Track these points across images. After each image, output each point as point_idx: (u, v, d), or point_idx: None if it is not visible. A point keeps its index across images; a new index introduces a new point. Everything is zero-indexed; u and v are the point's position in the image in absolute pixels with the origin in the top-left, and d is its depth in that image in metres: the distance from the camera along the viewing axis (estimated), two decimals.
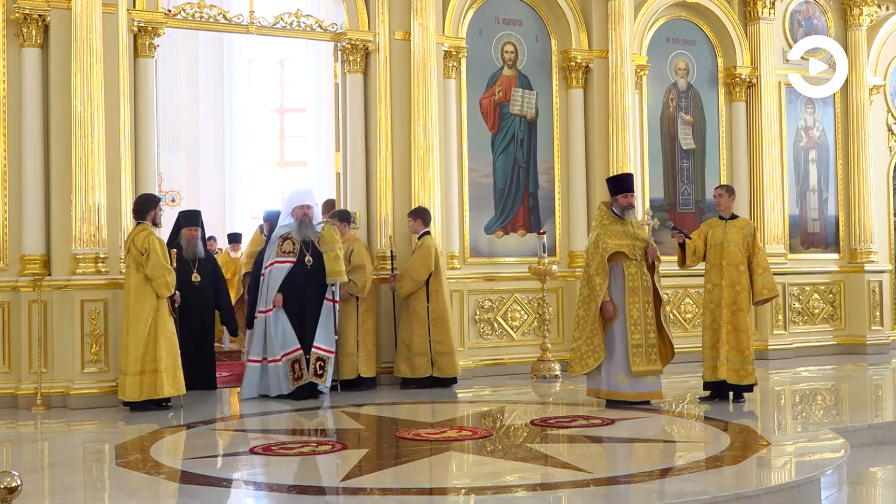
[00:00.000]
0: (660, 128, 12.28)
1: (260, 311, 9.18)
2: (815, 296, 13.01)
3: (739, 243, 8.49)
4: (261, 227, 11.71)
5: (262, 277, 9.23)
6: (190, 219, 10.11)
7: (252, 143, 20.41)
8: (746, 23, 12.71)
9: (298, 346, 9.00)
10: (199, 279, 9.82)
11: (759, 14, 12.58)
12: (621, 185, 8.53)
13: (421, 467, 6.01)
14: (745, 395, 8.52)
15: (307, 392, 9.04)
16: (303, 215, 9.23)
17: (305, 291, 9.11)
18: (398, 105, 10.54)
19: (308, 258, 9.16)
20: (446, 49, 10.84)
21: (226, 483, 5.58)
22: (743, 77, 12.58)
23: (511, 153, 11.36)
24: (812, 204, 13.23)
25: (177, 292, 8.67)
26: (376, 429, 7.43)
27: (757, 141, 12.61)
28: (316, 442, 6.84)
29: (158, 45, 9.71)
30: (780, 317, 12.48)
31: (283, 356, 8.96)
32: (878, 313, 13.17)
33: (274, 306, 9.04)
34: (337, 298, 9.32)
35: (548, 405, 8.90)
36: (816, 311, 12.99)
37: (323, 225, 9.36)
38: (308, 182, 19.71)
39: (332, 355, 9.21)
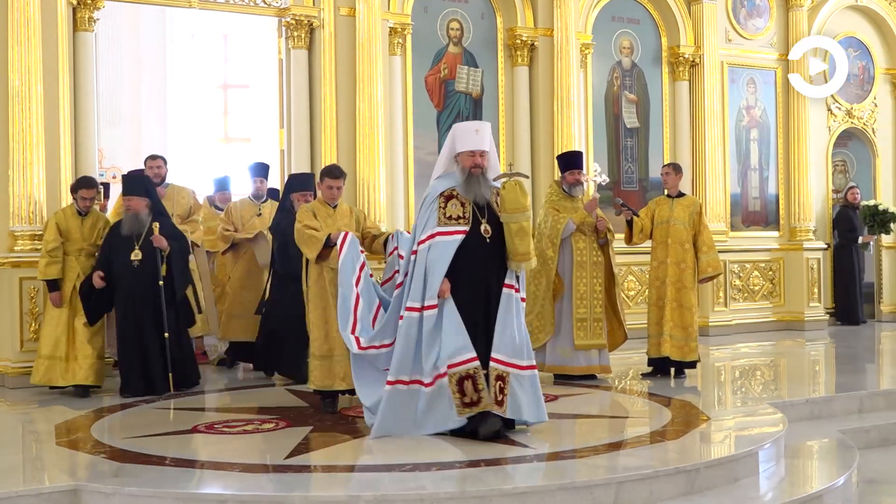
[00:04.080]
0: (604, 106, 12.33)
1: (410, 308, 6.07)
2: (756, 273, 13.20)
3: (685, 221, 8.57)
4: (209, 198, 10.74)
5: (412, 257, 6.19)
6: (130, 185, 8.23)
7: (195, 119, 20.15)
8: (690, 2, 12.79)
9: (474, 353, 5.95)
10: (139, 257, 7.91)
11: None
12: (570, 162, 8.58)
13: (365, 444, 6.00)
14: (687, 371, 8.63)
15: (495, 426, 5.96)
16: (472, 165, 6.20)
17: (488, 276, 6.14)
18: (343, 82, 10.46)
19: (485, 227, 6.16)
20: (392, 26, 10.78)
21: (168, 461, 5.52)
22: (686, 56, 12.67)
23: None
24: (753, 182, 13.40)
25: (98, 275, 7.88)
26: (321, 406, 7.39)
27: (700, 120, 12.73)
28: (259, 420, 6.80)
29: (98, 19, 9.52)
30: (721, 294, 12.65)
31: (448, 369, 5.92)
32: (815, 290, 13.40)
33: (441, 297, 6.01)
34: (519, 286, 6.29)
35: None
36: (756, 288, 13.19)
37: (504, 181, 6.20)
38: (252, 159, 19.53)
39: (519, 371, 6.10)
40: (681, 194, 8.81)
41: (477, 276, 6.06)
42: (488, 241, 6.12)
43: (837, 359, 10.66)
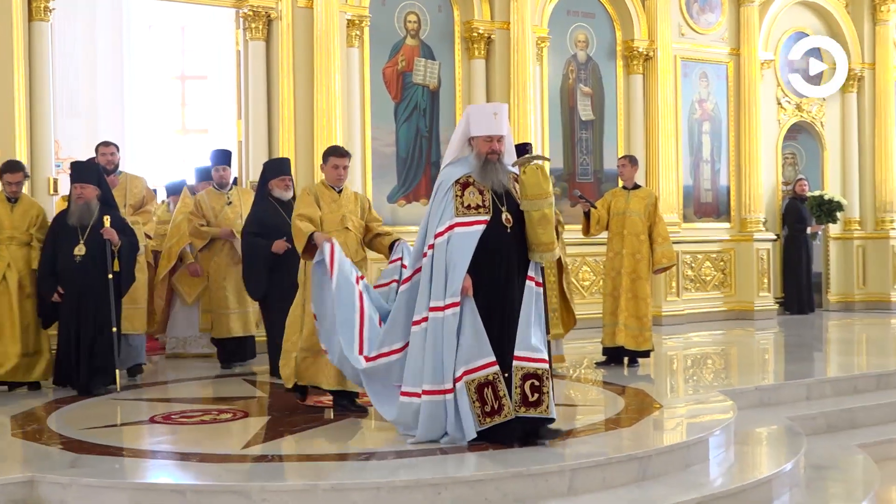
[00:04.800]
0: (560, 99, 12.38)
1: (434, 308, 5.47)
2: (707, 264, 13.33)
3: (641, 213, 8.63)
4: (190, 188, 10.19)
5: (429, 251, 5.58)
6: (82, 172, 7.66)
7: (152, 111, 19.95)
8: None
9: (493, 358, 5.40)
10: (82, 252, 7.39)
11: None
12: (522, 153, 8.53)
13: (322, 434, 5.99)
14: (641, 360, 8.70)
15: (515, 433, 5.44)
16: (489, 151, 5.63)
17: (510, 268, 5.55)
18: (301, 73, 10.40)
19: (506, 216, 5.56)
20: (349, 18, 10.74)
21: (125, 452, 5.48)
22: (640, 50, 12.75)
23: (414, 122, 11.34)
24: (705, 175, 13.52)
25: (59, 292, 7.45)
26: (278, 397, 7.36)
27: (653, 113, 12.83)
28: (217, 410, 6.76)
29: (54, 9, 9.38)
30: (674, 284, 12.77)
31: (465, 375, 5.39)
32: (765, 280, 13.57)
33: (464, 295, 5.41)
34: (541, 279, 5.77)
35: None
36: (708, 278, 13.32)
37: (524, 166, 5.67)
38: (209, 150, 19.38)
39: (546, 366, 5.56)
40: (636, 186, 8.87)
41: (499, 270, 5.50)
42: (509, 230, 5.55)
43: (786, 347, 10.80)
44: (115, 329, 7.52)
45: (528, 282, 5.59)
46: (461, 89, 11.62)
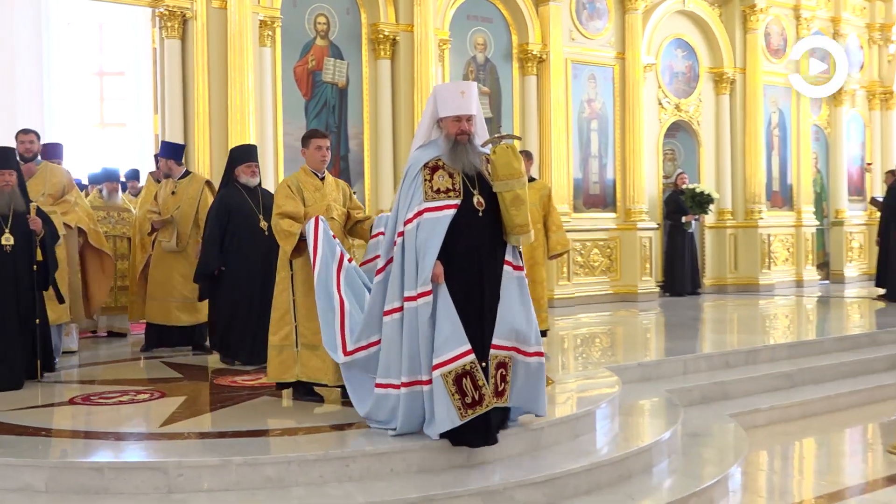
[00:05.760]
0: None
1: (408, 298, 4.97)
2: (595, 250, 13.53)
3: (536, 203, 8.66)
4: (152, 174, 9.61)
5: (398, 239, 5.05)
6: (4, 158, 6.90)
7: (71, 105, 19.43)
8: (538, 4, 12.96)
9: (468, 346, 4.87)
10: (11, 242, 6.69)
11: None
12: None
13: (236, 412, 5.91)
14: None
15: (480, 430, 4.96)
16: (459, 132, 5.07)
17: (483, 253, 5.05)
18: (215, 71, 10.24)
19: (478, 199, 5.05)
20: (262, 19, 10.59)
21: (45, 432, 5.33)
22: (534, 53, 12.85)
23: (324, 118, 11.25)
24: (593, 168, 13.70)
25: None
26: (194, 377, 7.25)
27: (546, 111, 12.95)
28: (135, 391, 6.62)
29: None
30: (565, 269, 12.93)
31: (439, 365, 4.85)
32: (647, 265, 13.84)
33: (435, 282, 4.91)
34: (521, 262, 5.23)
35: None
36: (596, 264, 13.53)
37: (494, 145, 5.10)
38: (128, 144, 18.95)
39: (525, 358, 5.09)
40: (532, 179, 8.92)
41: (471, 255, 4.99)
42: (481, 214, 5.02)
43: (666, 327, 10.98)
44: (38, 321, 6.91)
45: (505, 267, 5.10)
46: (368, 88, 11.56)
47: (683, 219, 14.19)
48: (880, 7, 17.45)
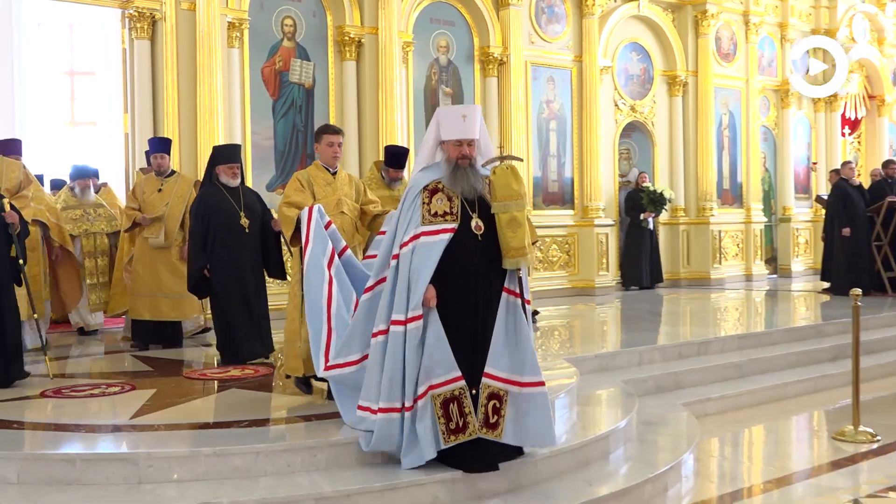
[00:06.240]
0: (423, 98, 12.38)
1: (395, 322, 4.70)
2: (554, 246, 13.58)
3: None
4: (143, 170, 9.31)
5: (393, 262, 4.80)
6: None
7: (43, 104, 19.15)
8: (498, 8, 12.96)
9: (458, 372, 4.65)
10: None
11: (510, 0, 12.86)
12: (396, 160, 7.97)
13: (205, 404, 5.87)
14: None
15: (476, 457, 4.72)
16: (460, 156, 4.83)
17: (480, 279, 4.76)
18: (184, 71, 10.14)
19: (476, 222, 4.79)
20: (230, 20, 10.50)
21: (17, 425, 5.25)
22: (495, 56, 12.85)
23: (290, 118, 11.18)
24: (552, 167, 13.75)
25: None
26: (164, 371, 7.17)
27: (507, 111, 12.96)
28: (106, 384, 6.54)
29: None
30: None
31: (429, 389, 4.64)
32: (604, 261, 13.91)
33: (426, 306, 4.65)
34: (520, 290, 4.81)
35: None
36: (555, 259, 13.58)
37: (494, 166, 4.81)
38: (98, 142, 18.72)
39: (519, 389, 4.73)
40: None
41: (468, 280, 4.72)
42: (480, 238, 4.75)
43: (622, 319, 11.06)
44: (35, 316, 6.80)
45: (505, 294, 4.76)
46: (334, 88, 11.50)
47: (641, 216, 14.28)
48: (825, 13, 17.66)
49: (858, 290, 6.83)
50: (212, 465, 4.59)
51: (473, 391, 4.67)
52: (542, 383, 4.77)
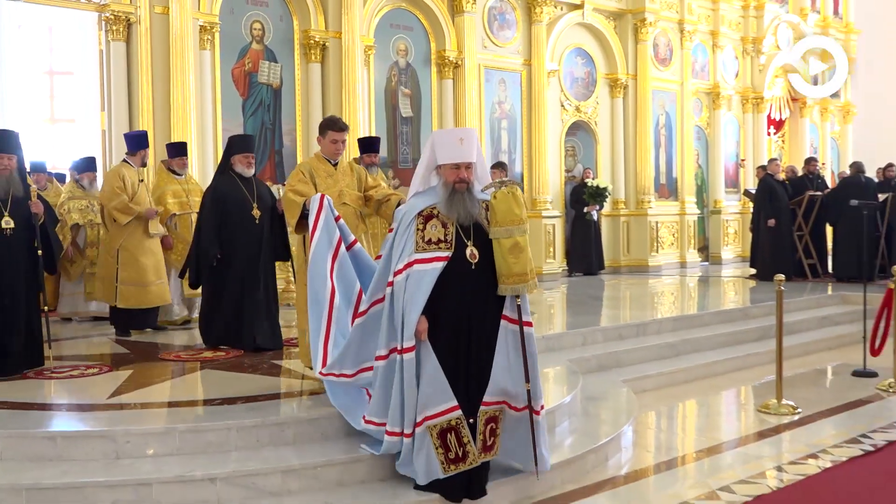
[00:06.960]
0: (384, 98, 12.35)
1: (391, 351, 4.42)
2: None
3: None
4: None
5: (388, 289, 4.42)
6: (4, 142, 6.00)
7: (23, 102, 18.80)
8: (454, 14, 12.95)
9: (454, 402, 4.31)
10: (11, 225, 5.94)
11: (464, 8, 12.85)
12: (370, 145, 8.11)
13: (180, 384, 5.83)
14: None
15: (469, 485, 4.42)
16: (457, 180, 4.39)
17: (474, 308, 4.39)
18: (158, 71, 10.00)
19: (471, 250, 4.38)
20: (201, 24, 10.38)
21: (1, 405, 5.16)
22: (451, 59, 12.84)
23: (259, 116, 11.09)
24: None
25: None
26: (141, 353, 7.09)
27: (461, 111, 12.96)
28: (85, 366, 6.45)
29: None
30: None
31: (424, 420, 4.32)
32: (551, 249, 13.99)
33: (418, 339, 4.29)
34: (519, 316, 4.45)
35: (291, 328, 8.79)
36: None
37: (496, 189, 4.39)
38: (76, 138, 18.42)
39: (516, 413, 4.51)
40: None
41: (461, 309, 4.34)
42: (474, 267, 4.35)
43: (568, 303, 11.12)
44: (46, 307, 6.39)
45: (504, 323, 4.41)
46: (300, 89, 11.42)
47: (585, 209, 14.37)
48: (753, 22, 17.91)
49: (782, 276, 6.93)
50: (186, 440, 4.57)
51: (471, 420, 4.35)
52: (538, 411, 4.49)
